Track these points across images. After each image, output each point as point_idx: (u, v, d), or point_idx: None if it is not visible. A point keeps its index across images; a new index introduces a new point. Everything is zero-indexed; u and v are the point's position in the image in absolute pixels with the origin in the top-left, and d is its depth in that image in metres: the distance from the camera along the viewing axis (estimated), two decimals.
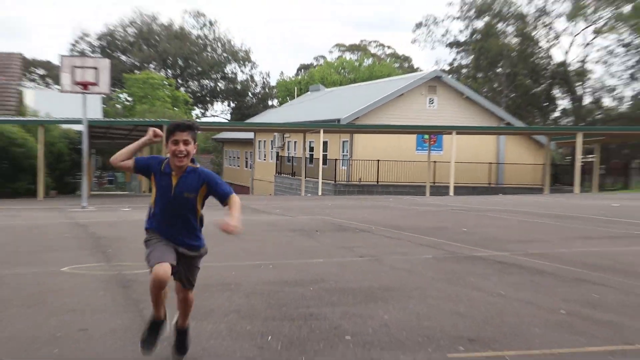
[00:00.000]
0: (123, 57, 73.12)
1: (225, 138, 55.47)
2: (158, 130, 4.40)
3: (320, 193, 31.13)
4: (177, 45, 73.05)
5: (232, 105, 79.21)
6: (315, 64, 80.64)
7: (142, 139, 4.41)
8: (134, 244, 8.97)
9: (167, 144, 4.32)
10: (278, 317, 5.81)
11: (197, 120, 57.44)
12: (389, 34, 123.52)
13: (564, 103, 59.63)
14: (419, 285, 7.38)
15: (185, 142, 4.27)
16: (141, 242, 4.49)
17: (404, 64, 78.52)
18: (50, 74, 68.53)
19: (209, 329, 5.39)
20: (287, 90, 69.57)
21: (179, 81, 73.16)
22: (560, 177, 37.03)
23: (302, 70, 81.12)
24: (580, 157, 32.14)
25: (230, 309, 6.10)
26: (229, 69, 78.49)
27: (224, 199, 4.34)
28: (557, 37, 58.18)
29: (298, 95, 59.88)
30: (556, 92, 59.14)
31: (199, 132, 4.94)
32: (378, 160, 33.61)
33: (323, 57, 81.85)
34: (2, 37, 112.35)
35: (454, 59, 63.64)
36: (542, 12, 57.20)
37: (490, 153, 36.60)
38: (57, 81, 48.12)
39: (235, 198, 4.34)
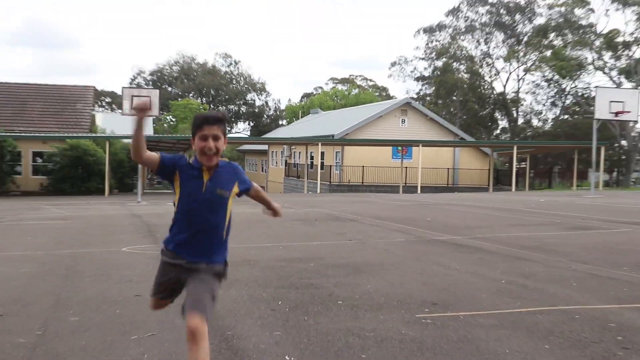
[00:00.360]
0: (169, 88, 73.06)
1: (246, 149, 55.48)
2: (138, 102, 2.77)
3: (318, 191, 31.08)
4: (210, 79, 73.06)
5: (251, 124, 79.05)
6: (314, 92, 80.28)
7: (136, 118, 2.72)
8: None
9: (193, 140, 2.87)
10: (286, 286, 5.78)
11: None
12: (371, 70, 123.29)
13: (503, 123, 59.75)
14: (394, 261, 7.35)
15: (215, 138, 2.82)
16: None
17: (382, 93, 78.08)
18: (114, 101, 68.73)
19: (233, 295, 5.36)
20: (293, 113, 69.42)
21: (211, 106, 73.04)
22: (500, 179, 37.02)
23: (305, 97, 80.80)
24: (515, 164, 32.19)
25: (250, 280, 6.07)
26: (249, 97, 78.35)
27: (249, 190, 3.10)
28: (497, 73, 58.54)
29: (302, 117, 59.79)
30: (497, 114, 59.29)
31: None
32: (363, 166, 33.58)
33: (321, 87, 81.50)
34: (80, 73, 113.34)
35: (420, 89, 63.45)
36: (486, 54, 57.49)
37: (448, 161, 36.57)
38: (120, 107, 48.13)
39: (257, 186, 3.29)
